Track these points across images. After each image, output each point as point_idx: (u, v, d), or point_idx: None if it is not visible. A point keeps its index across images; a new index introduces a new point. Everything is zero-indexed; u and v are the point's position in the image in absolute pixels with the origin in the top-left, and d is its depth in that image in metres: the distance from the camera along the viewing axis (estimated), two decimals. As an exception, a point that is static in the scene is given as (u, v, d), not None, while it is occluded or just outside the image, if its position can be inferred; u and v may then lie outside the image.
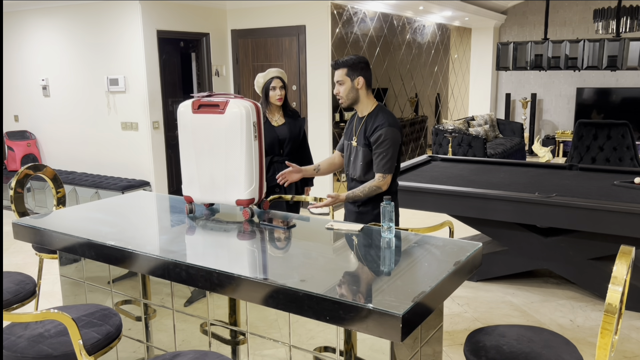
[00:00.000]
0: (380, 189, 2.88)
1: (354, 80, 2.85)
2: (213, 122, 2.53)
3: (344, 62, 2.86)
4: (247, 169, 2.53)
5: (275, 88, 3.70)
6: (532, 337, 2.04)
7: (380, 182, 2.87)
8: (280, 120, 3.77)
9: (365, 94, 2.91)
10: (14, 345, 2.00)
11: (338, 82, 2.89)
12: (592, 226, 3.54)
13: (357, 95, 2.89)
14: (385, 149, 2.83)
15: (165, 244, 2.30)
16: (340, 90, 2.89)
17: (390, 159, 2.86)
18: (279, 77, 3.72)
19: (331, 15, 6.20)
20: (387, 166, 2.86)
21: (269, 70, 3.76)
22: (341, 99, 2.90)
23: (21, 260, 4.99)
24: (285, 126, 3.75)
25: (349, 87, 2.86)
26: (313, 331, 2.01)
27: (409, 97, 8.53)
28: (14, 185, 3.20)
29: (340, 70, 2.87)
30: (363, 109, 2.94)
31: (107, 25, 5.99)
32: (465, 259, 2.03)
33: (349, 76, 2.85)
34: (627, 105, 9.67)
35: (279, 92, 3.70)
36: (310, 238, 2.34)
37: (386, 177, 2.87)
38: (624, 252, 1.78)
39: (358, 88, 2.87)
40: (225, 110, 2.50)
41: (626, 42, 4.88)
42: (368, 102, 2.92)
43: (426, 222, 4.99)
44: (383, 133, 2.82)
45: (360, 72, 2.85)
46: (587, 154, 6.27)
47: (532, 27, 10.37)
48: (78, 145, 6.60)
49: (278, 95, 3.70)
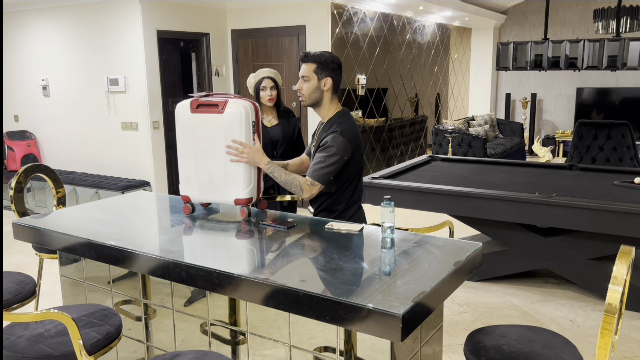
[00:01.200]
0: (300, 193, 2.55)
1: (322, 80, 2.58)
2: (212, 122, 2.52)
3: (315, 57, 2.58)
4: (245, 167, 2.53)
5: (266, 88, 3.65)
6: (532, 337, 2.04)
7: (306, 186, 2.54)
8: (274, 121, 3.73)
9: (330, 98, 2.64)
10: (14, 345, 2.00)
11: (303, 77, 2.59)
12: (592, 226, 3.54)
13: (321, 97, 2.61)
14: (325, 155, 2.54)
15: (165, 244, 2.30)
16: (303, 87, 2.60)
17: (326, 167, 2.53)
18: (270, 77, 3.67)
19: (331, 15, 6.20)
20: (319, 173, 2.54)
21: (260, 70, 3.71)
22: (302, 97, 2.63)
23: (21, 260, 4.99)
24: (279, 127, 3.71)
25: (314, 86, 2.58)
26: (313, 331, 2.01)
27: (409, 97, 8.53)
28: (14, 185, 3.20)
29: (308, 65, 2.58)
30: (324, 115, 2.67)
31: (107, 25, 5.99)
32: (465, 259, 2.03)
33: (317, 74, 2.57)
34: (627, 105, 9.67)
35: (269, 92, 3.65)
36: (310, 238, 2.34)
37: (314, 184, 2.55)
38: (624, 252, 1.78)
39: (324, 89, 2.60)
40: (224, 110, 2.50)
41: (626, 42, 4.88)
42: (330, 108, 2.65)
43: (426, 222, 4.99)
44: (329, 139, 2.55)
45: (331, 73, 2.58)
46: (587, 154, 6.27)
47: (532, 27, 10.37)
48: (78, 145, 6.60)
49: (269, 96, 3.65)
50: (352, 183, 2.69)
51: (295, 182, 2.55)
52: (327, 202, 2.70)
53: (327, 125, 2.65)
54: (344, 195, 2.68)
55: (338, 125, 2.60)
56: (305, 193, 2.55)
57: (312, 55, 2.59)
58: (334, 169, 2.55)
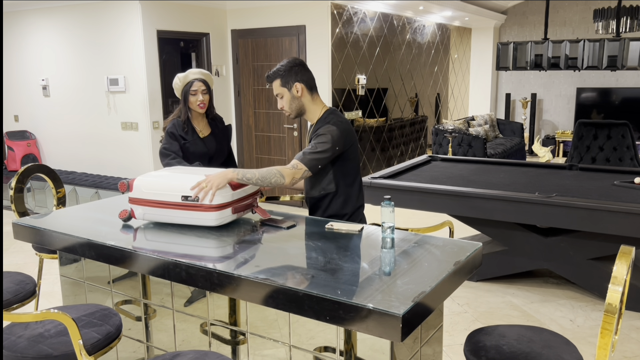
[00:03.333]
0: (282, 180, 2.40)
1: (292, 89, 2.56)
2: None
3: (274, 73, 2.57)
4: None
5: (197, 92, 3.16)
6: (532, 337, 2.04)
7: (286, 169, 2.41)
8: (206, 130, 3.26)
9: (310, 100, 2.61)
10: (14, 345, 2.00)
11: (277, 95, 2.61)
12: (592, 226, 3.54)
13: (302, 104, 2.59)
14: (317, 142, 2.48)
15: (165, 244, 2.30)
16: (283, 103, 2.61)
17: (316, 153, 2.46)
18: (201, 79, 3.19)
19: (331, 15, 6.20)
20: (307, 157, 2.45)
21: (190, 71, 3.23)
22: (287, 112, 2.63)
23: (21, 260, 4.99)
24: (212, 137, 3.27)
25: (289, 98, 2.58)
26: (313, 331, 2.01)
27: (409, 97, 8.53)
28: (14, 185, 3.20)
29: (274, 83, 2.58)
30: (312, 117, 2.64)
31: (107, 25, 5.99)
32: (465, 259, 2.03)
33: (285, 86, 2.56)
34: (627, 105, 9.67)
35: (200, 97, 3.16)
36: (310, 238, 2.34)
37: (298, 168, 2.43)
38: (624, 252, 1.78)
39: (298, 96, 2.57)
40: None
41: (626, 42, 4.87)
42: (315, 108, 2.63)
43: (426, 222, 4.99)
44: (322, 129, 2.52)
45: (296, 78, 2.55)
46: (587, 154, 6.27)
47: (532, 27, 10.37)
48: (78, 145, 6.60)
49: (199, 101, 3.16)
50: (354, 183, 2.66)
51: (272, 170, 2.41)
52: (333, 205, 2.65)
53: (318, 124, 2.62)
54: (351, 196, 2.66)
55: (330, 119, 2.57)
56: (287, 178, 2.41)
57: (272, 73, 2.58)
58: (324, 157, 2.48)
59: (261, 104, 6.78)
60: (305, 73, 2.59)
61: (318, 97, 2.65)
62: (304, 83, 2.58)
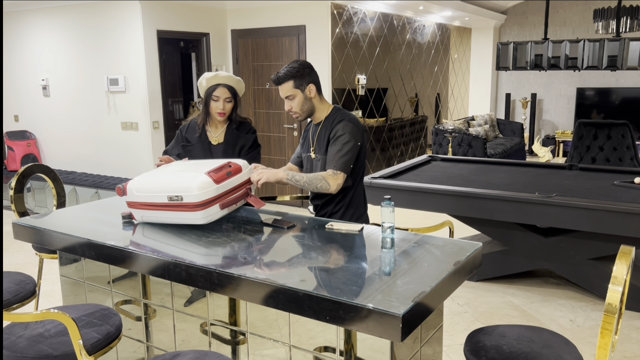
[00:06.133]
0: (327, 185, 2.47)
1: (305, 90, 2.58)
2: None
3: (287, 74, 2.55)
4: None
5: (219, 99, 2.91)
6: (532, 337, 2.04)
7: (329, 177, 2.47)
8: (221, 138, 3.03)
9: (319, 100, 2.64)
10: (14, 345, 2.00)
11: (287, 97, 2.58)
12: (592, 226, 3.54)
13: (312, 105, 2.62)
14: (341, 144, 2.50)
15: (165, 244, 2.30)
16: (292, 105, 2.59)
17: (345, 154, 2.49)
18: (228, 85, 2.92)
19: (331, 15, 6.20)
20: (340, 162, 2.49)
21: (218, 73, 2.95)
22: (296, 114, 2.62)
23: (21, 260, 4.99)
24: (224, 146, 3.02)
25: (302, 99, 2.58)
26: (313, 331, 2.01)
27: (409, 97, 8.53)
28: (14, 185, 3.20)
29: (286, 84, 2.56)
30: (320, 115, 2.67)
31: (107, 25, 5.99)
32: (465, 259, 2.03)
33: (299, 87, 2.57)
34: (627, 105, 9.67)
35: (221, 105, 2.92)
36: (310, 238, 2.34)
37: (337, 174, 2.48)
38: (624, 252, 1.78)
39: (311, 97, 2.60)
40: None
41: (626, 42, 4.87)
42: (323, 107, 2.66)
43: (426, 222, 4.99)
44: (340, 127, 2.53)
45: (309, 79, 2.58)
46: (587, 154, 6.27)
47: (532, 27, 10.37)
48: (78, 145, 6.60)
49: (220, 109, 2.93)
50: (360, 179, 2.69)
51: (318, 176, 2.49)
52: (349, 198, 2.66)
53: (326, 123, 2.64)
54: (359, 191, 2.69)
55: (341, 116, 2.61)
56: (332, 186, 2.49)
57: (284, 74, 2.57)
58: (352, 155, 2.53)
59: (261, 104, 6.78)
60: (315, 74, 2.64)
61: (323, 97, 2.71)
62: (316, 84, 2.63)
